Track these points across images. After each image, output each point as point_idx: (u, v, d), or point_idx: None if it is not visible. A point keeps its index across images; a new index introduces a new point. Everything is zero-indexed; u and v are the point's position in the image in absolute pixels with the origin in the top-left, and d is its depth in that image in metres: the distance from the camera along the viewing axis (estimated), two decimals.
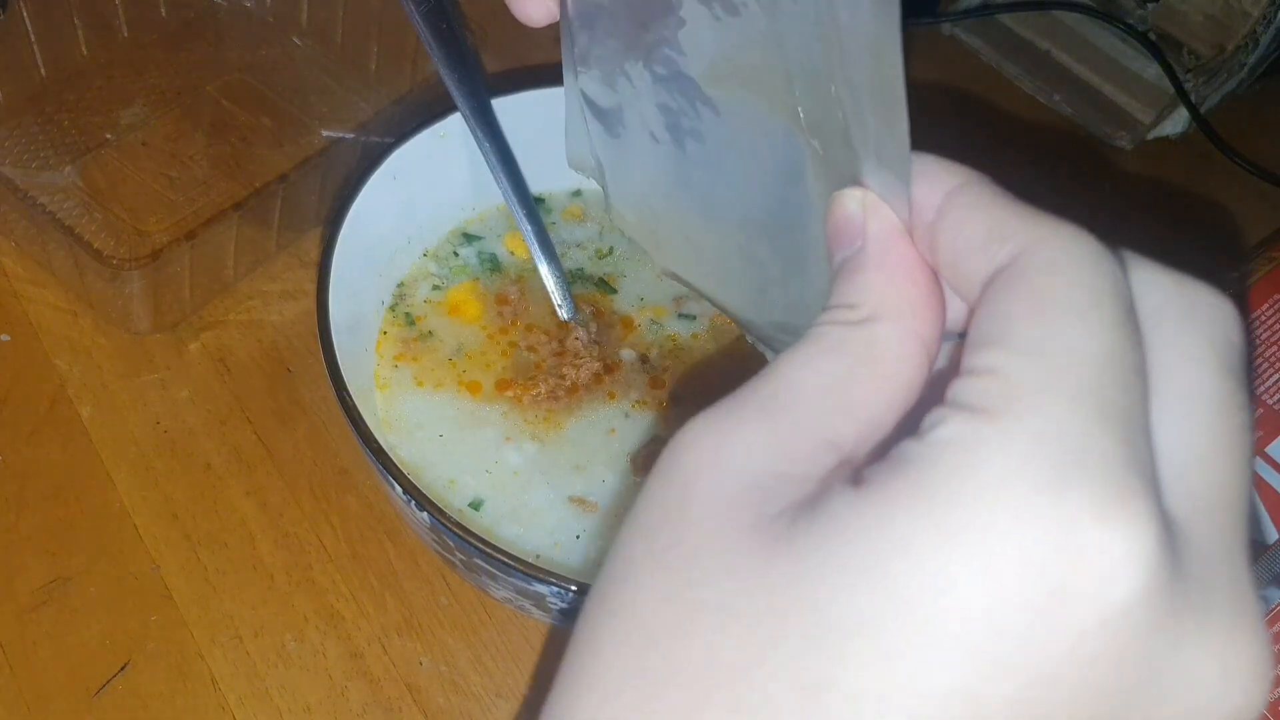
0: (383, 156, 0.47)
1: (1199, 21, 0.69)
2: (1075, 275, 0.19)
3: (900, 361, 0.21)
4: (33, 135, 0.56)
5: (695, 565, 0.19)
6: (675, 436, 0.21)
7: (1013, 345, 0.19)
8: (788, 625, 0.18)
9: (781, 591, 0.18)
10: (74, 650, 0.42)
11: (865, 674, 0.17)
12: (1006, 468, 0.17)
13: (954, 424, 0.18)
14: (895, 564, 0.17)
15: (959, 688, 0.17)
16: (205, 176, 0.56)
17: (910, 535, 0.17)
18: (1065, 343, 0.18)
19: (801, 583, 0.18)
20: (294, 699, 0.42)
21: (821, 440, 0.20)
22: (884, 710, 0.17)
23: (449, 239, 0.52)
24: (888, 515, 0.18)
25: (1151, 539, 0.17)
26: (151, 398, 0.49)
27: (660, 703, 0.19)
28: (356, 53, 0.62)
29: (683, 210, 0.34)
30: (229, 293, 0.53)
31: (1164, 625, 0.17)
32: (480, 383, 0.47)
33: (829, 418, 0.20)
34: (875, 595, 0.17)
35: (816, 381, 0.20)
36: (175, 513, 0.46)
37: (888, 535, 0.18)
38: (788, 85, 0.26)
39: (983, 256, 0.20)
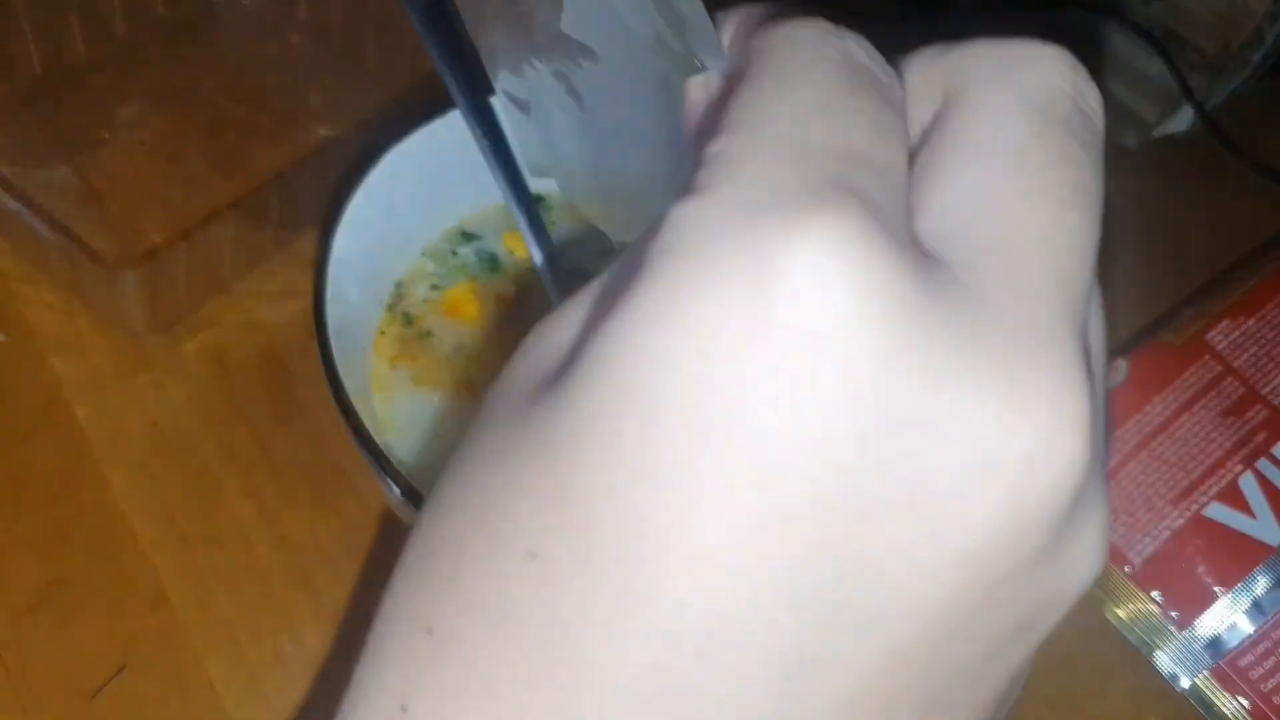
0: (380, 155, 0.46)
1: (1204, 18, 0.69)
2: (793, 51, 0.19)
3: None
4: (28, 133, 0.55)
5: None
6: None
7: (728, 126, 0.17)
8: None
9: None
10: (70, 653, 0.41)
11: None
12: (700, 224, 0.16)
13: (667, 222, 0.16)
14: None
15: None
16: (202, 175, 0.56)
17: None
18: (774, 107, 0.17)
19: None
20: (291, 702, 0.41)
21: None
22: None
23: (447, 238, 0.52)
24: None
25: (867, 252, 0.15)
26: (148, 398, 0.48)
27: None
28: (354, 50, 0.61)
29: (610, 172, 0.33)
30: (226, 292, 0.52)
31: (907, 358, 0.15)
32: (479, 383, 0.47)
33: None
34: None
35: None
36: (172, 514, 0.45)
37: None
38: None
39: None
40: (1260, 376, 0.50)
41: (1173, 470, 0.49)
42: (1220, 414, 0.49)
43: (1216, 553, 0.47)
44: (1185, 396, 0.50)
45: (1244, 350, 0.51)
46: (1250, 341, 0.51)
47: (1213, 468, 0.48)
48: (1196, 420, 0.49)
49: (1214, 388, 0.50)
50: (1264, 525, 0.47)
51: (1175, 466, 0.49)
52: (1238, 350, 0.51)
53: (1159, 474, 0.49)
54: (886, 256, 0.15)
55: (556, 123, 0.33)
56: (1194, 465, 0.49)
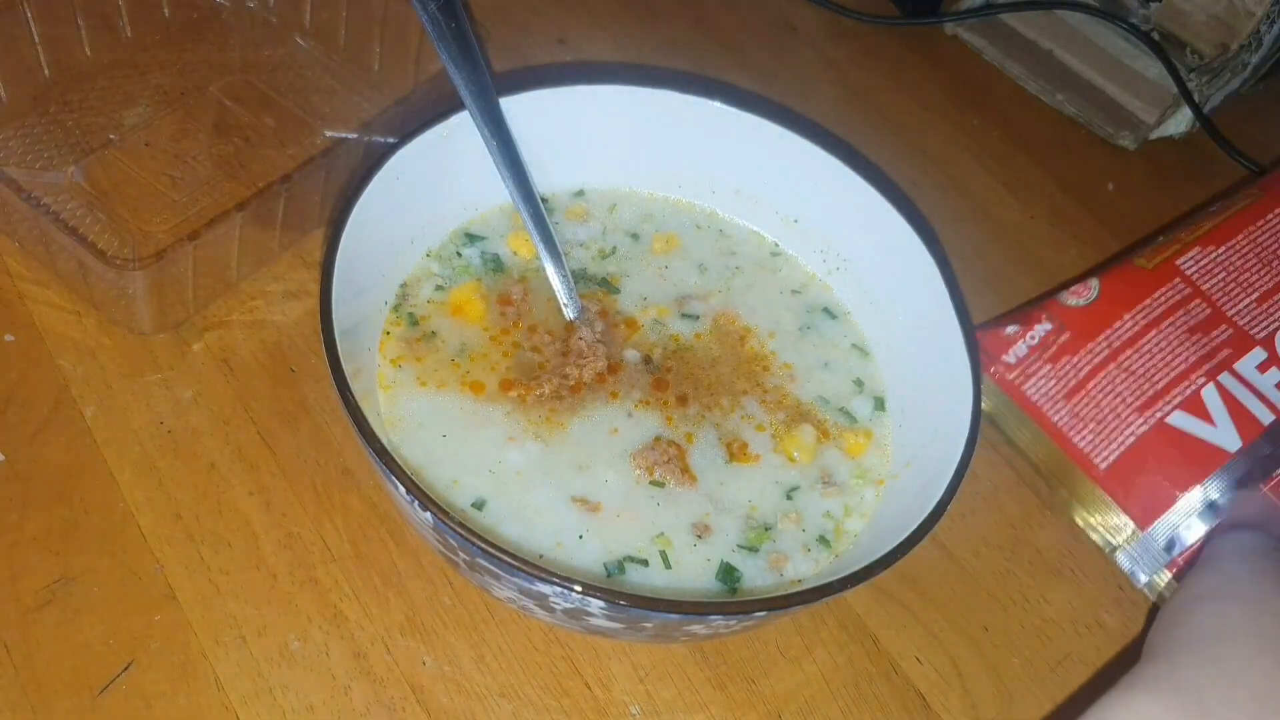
0: (385, 157, 0.47)
1: (1202, 21, 0.69)
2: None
3: None
4: (36, 136, 0.56)
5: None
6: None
7: None
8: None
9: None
10: (78, 650, 0.42)
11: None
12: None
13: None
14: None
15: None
16: (208, 177, 0.56)
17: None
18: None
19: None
20: (297, 699, 0.42)
21: None
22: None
23: (452, 239, 0.52)
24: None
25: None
26: (155, 398, 0.49)
27: None
28: (359, 53, 0.62)
29: None
30: (232, 293, 0.53)
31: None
32: (483, 383, 0.47)
33: None
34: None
35: None
36: (179, 512, 0.46)
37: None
38: None
39: None
40: (1227, 300, 0.52)
41: (1139, 381, 0.50)
42: (1187, 331, 0.51)
43: (1177, 458, 0.49)
44: (1155, 314, 0.52)
45: (1212, 276, 0.53)
46: (1219, 268, 0.53)
47: (1177, 379, 0.50)
48: (1164, 336, 0.51)
49: (1182, 308, 0.52)
50: (1223, 433, 0.49)
51: (1142, 378, 0.50)
52: (1206, 275, 0.53)
53: (1126, 384, 0.51)
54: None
55: None
56: (1160, 377, 0.50)
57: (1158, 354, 0.51)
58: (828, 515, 0.46)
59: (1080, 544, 0.51)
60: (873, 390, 0.50)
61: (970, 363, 0.45)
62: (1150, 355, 0.51)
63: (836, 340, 0.52)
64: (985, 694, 0.46)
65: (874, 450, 0.48)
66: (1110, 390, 0.51)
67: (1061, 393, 0.51)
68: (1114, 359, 0.51)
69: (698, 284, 0.53)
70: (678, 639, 0.42)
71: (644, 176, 0.56)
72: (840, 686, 0.45)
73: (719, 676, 0.45)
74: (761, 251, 0.55)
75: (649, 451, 0.46)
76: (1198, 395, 0.50)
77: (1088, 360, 0.51)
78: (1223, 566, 0.45)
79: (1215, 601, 0.43)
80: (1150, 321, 0.52)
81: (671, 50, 0.71)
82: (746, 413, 0.48)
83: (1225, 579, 0.44)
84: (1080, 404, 0.51)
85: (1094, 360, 0.51)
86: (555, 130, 0.53)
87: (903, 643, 0.47)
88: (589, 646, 0.45)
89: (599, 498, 0.45)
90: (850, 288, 0.53)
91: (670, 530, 0.44)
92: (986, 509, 0.52)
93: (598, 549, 0.43)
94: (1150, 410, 0.50)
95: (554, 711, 0.43)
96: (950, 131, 0.70)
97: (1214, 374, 0.50)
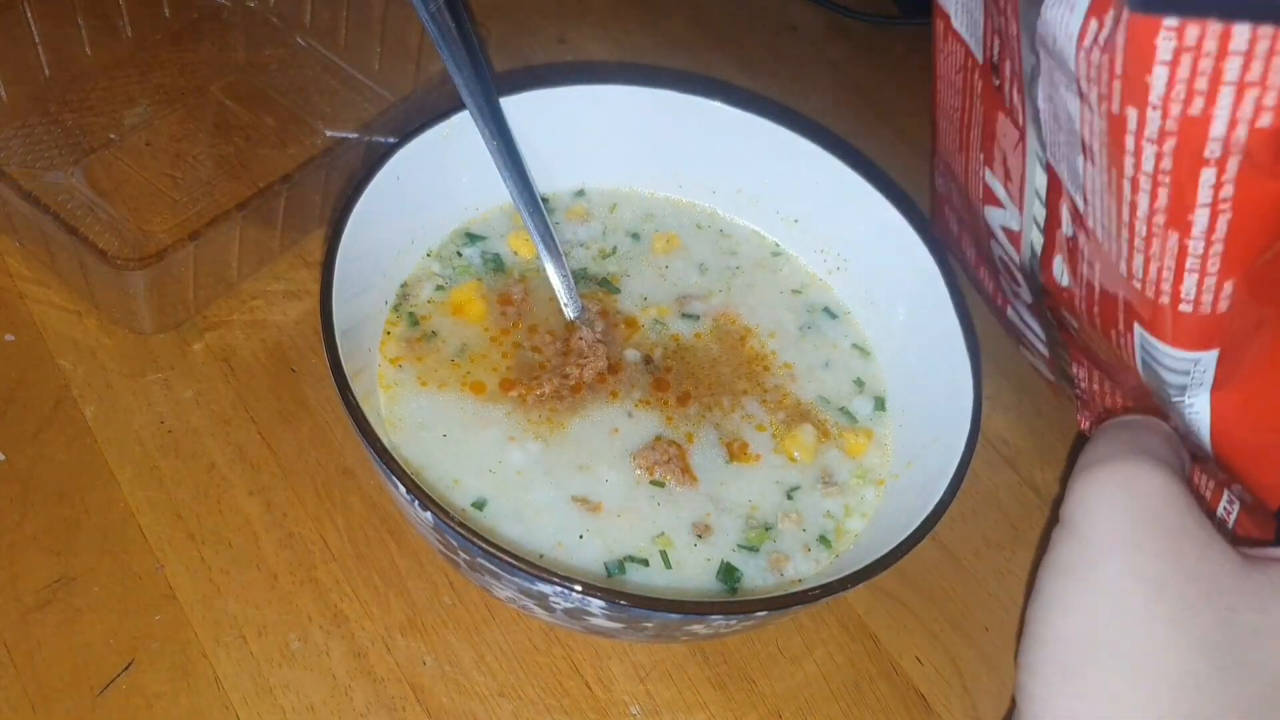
0: (386, 156, 0.47)
1: None
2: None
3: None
4: (37, 135, 0.56)
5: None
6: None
7: None
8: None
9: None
10: (78, 649, 0.42)
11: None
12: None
13: None
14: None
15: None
16: (209, 176, 0.56)
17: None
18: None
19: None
20: (298, 698, 0.42)
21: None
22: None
23: (452, 239, 0.52)
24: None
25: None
26: (155, 397, 0.49)
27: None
28: (360, 53, 0.62)
29: None
30: (233, 293, 0.53)
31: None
32: (484, 383, 0.47)
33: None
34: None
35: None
36: (179, 512, 0.46)
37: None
38: None
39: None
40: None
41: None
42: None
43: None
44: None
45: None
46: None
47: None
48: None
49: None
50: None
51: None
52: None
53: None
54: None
55: None
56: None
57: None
58: (828, 515, 0.46)
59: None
60: (873, 390, 0.50)
61: (970, 363, 0.45)
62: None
63: (837, 340, 0.52)
64: (985, 694, 0.46)
65: (874, 450, 0.48)
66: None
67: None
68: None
69: (698, 284, 0.53)
70: (678, 639, 0.42)
71: (644, 176, 0.56)
72: (840, 686, 0.45)
73: (719, 676, 0.45)
74: (762, 251, 0.55)
75: (649, 451, 0.46)
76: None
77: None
78: (1090, 512, 0.36)
79: (1080, 592, 0.35)
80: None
81: (671, 50, 0.71)
82: (747, 412, 0.48)
83: (1093, 541, 0.35)
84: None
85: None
86: (555, 130, 0.53)
87: (903, 643, 0.47)
88: (589, 646, 0.45)
89: (599, 497, 0.45)
90: (850, 288, 0.53)
91: (670, 530, 0.44)
92: (986, 509, 0.52)
93: (598, 549, 0.43)
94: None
95: (554, 711, 0.43)
96: None
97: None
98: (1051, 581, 0.36)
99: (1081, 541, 0.36)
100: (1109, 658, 0.34)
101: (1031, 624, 0.37)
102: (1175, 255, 0.33)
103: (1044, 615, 0.36)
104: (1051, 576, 0.36)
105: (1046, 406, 0.56)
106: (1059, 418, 0.56)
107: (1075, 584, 0.35)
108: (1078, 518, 0.36)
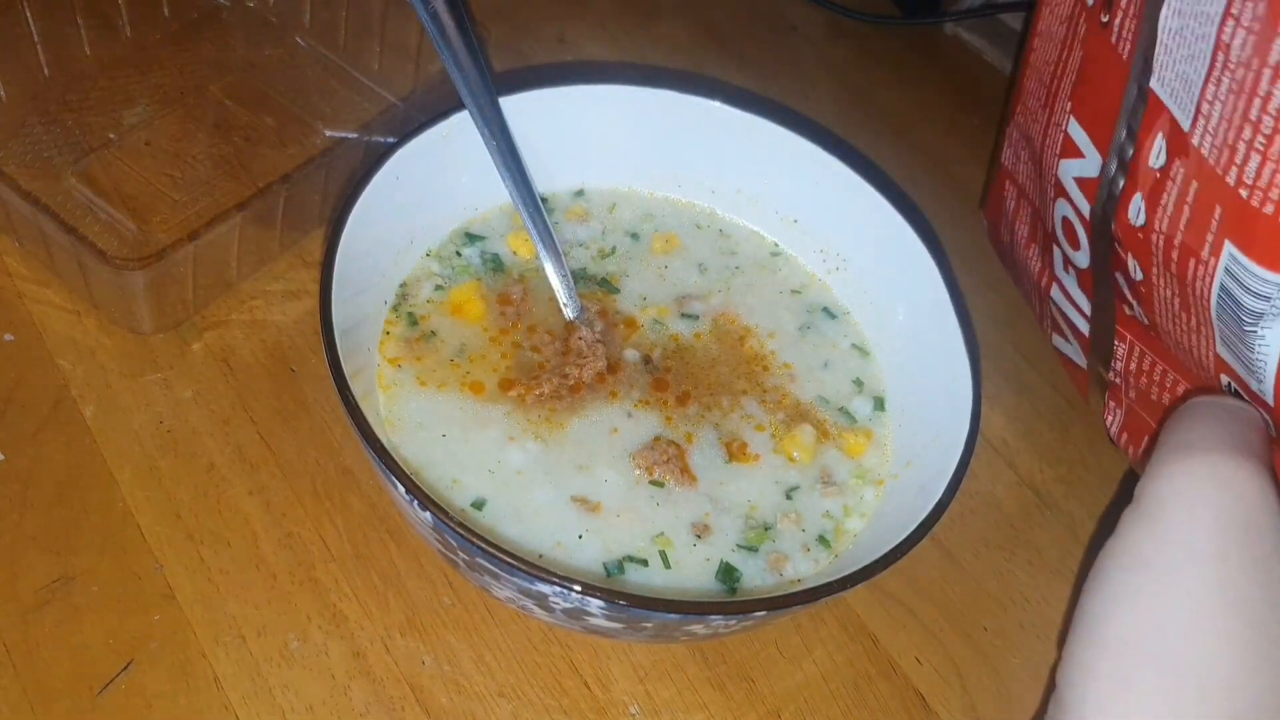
0: (385, 156, 0.47)
1: None
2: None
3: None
4: (36, 135, 0.56)
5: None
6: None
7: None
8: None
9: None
10: (77, 649, 0.42)
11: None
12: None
13: None
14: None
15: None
16: (208, 176, 0.56)
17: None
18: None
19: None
20: (297, 698, 0.42)
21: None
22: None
23: (451, 239, 0.52)
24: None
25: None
26: (155, 397, 0.49)
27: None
28: (359, 53, 0.62)
29: None
30: (232, 292, 0.53)
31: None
32: (483, 383, 0.47)
33: None
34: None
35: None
36: (178, 512, 0.46)
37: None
38: None
39: None
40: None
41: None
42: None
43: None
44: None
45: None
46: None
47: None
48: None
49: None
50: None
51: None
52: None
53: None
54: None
55: None
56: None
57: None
58: (827, 515, 0.46)
59: (1080, 544, 0.51)
60: (873, 390, 0.50)
61: (970, 363, 0.45)
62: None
63: (836, 340, 0.52)
64: (985, 694, 0.46)
65: (874, 450, 0.48)
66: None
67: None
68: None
69: (698, 284, 0.53)
70: (677, 639, 0.42)
71: (644, 176, 0.56)
72: (840, 686, 0.45)
73: (718, 676, 0.45)
74: (761, 251, 0.55)
75: (649, 451, 0.46)
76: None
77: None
78: (1178, 506, 0.32)
79: (1151, 594, 0.32)
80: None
81: (671, 50, 0.71)
82: (746, 412, 0.48)
83: (1176, 540, 0.32)
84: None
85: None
86: (555, 130, 0.53)
87: (902, 642, 0.47)
88: (588, 646, 0.45)
89: (599, 497, 0.45)
90: (850, 288, 0.53)
91: (670, 530, 0.44)
92: (986, 509, 0.52)
93: (597, 549, 0.43)
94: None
95: (553, 711, 0.43)
96: (950, 131, 0.70)
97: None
98: (1120, 574, 0.33)
99: (1162, 536, 0.32)
100: (1175, 678, 0.31)
101: (1089, 615, 0.33)
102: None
103: (1106, 610, 0.33)
104: (1120, 568, 0.33)
105: (1046, 407, 0.56)
106: (1059, 418, 0.56)
107: (1147, 583, 0.32)
108: (1162, 508, 0.32)
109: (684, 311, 0.52)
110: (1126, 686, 0.32)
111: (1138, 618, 0.32)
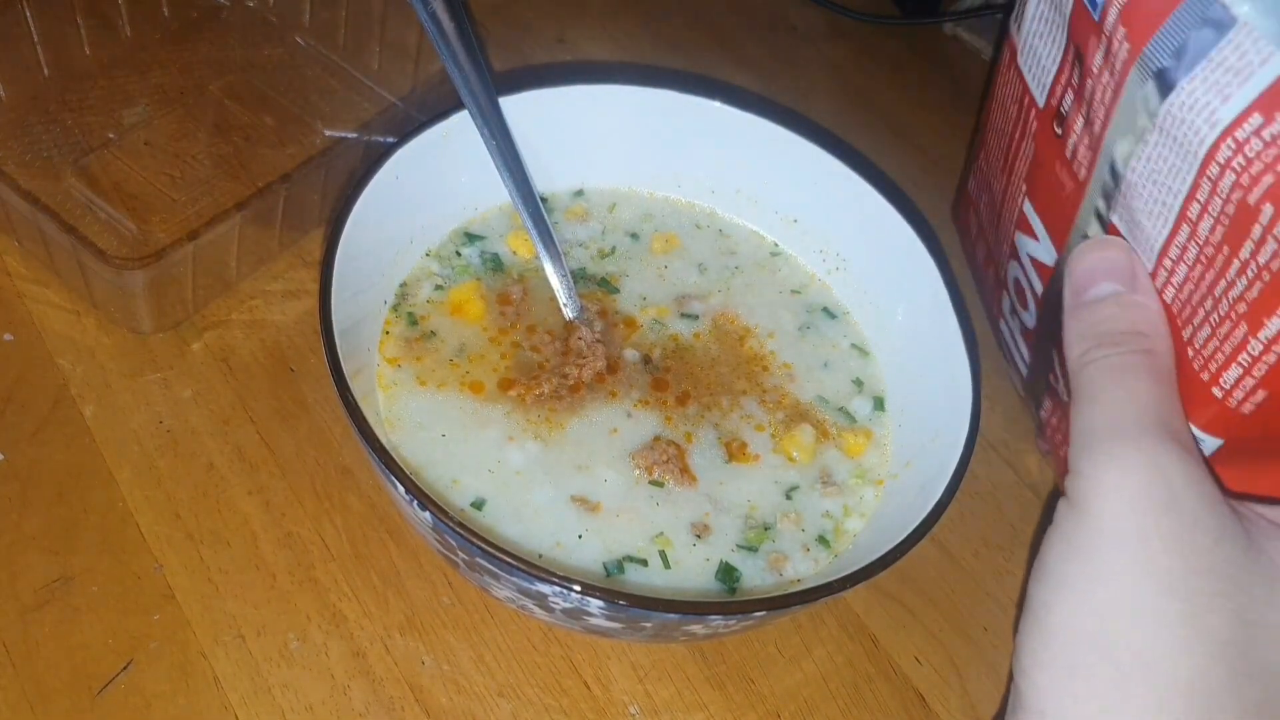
0: (385, 156, 0.47)
1: None
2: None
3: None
4: (35, 135, 0.56)
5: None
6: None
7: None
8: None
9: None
10: (77, 649, 0.42)
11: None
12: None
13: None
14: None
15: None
16: (208, 176, 0.56)
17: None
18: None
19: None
20: (296, 698, 0.42)
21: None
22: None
23: (451, 239, 0.52)
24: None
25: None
26: (154, 397, 0.49)
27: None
28: (359, 52, 0.62)
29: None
30: (231, 292, 0.53)
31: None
32: (483, 382, 0.47)
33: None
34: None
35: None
36: (178, 512, 0.46)
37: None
38: None
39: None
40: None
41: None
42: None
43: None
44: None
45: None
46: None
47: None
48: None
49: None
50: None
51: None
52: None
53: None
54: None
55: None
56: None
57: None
58: (827, 515, 0.46)
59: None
60: (872, 390, 0.50)
61: (970, 363, 0.45)
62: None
63: (836, 340, 0.52)
64: (985, 694, 0.46)
65: (873, 450, 0.48)
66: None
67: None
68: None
69: (697, 284, 0.53)
70: (677, 639, 0.42)
71: (644, 176, 0.56)
72: (839, 686, 0.45)
73: (718, 676, 0.45)
74: (761, 251, 0.55)
75: (648, 451, 0.46)
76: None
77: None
78: (1102, 493, 0.33)
79: (1086, 579, 0.33)
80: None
81: (671, 50, 0.71)
82: (746, 412, 0.48)
83: (1100, 527, 0.33)
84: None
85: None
86: (555, 130, 0.53)
87: (902, 643, 0.47)
88: (588, 646, 0.45)
89: (598, 497, 0.44)
90: (850, 288, 0.53)
91: (670, 530, 0.44)
92: (986, 509, 0.52)
93: (597, 549, 0.43)
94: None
95: (553, 711, 0.43)
96: (950, 131, 0.70)
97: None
98: (1058, 564, 0.34)
99: (1089, 524, 0.33)
100: (1119, 660, 0.32)
101: (1035, 604, 0.34)
102: (1235, 345, 0.34)
103: (1048, 599, 0.34)
104: (1058, 558, 0.34)
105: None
106: None
107: (1081, 570, 0.33)
108: (1085, 496, 0.33)
109: (684, 311, 0.52)
110: (1073, 673, 0.33)
111: (1078, 605, 0.33)
